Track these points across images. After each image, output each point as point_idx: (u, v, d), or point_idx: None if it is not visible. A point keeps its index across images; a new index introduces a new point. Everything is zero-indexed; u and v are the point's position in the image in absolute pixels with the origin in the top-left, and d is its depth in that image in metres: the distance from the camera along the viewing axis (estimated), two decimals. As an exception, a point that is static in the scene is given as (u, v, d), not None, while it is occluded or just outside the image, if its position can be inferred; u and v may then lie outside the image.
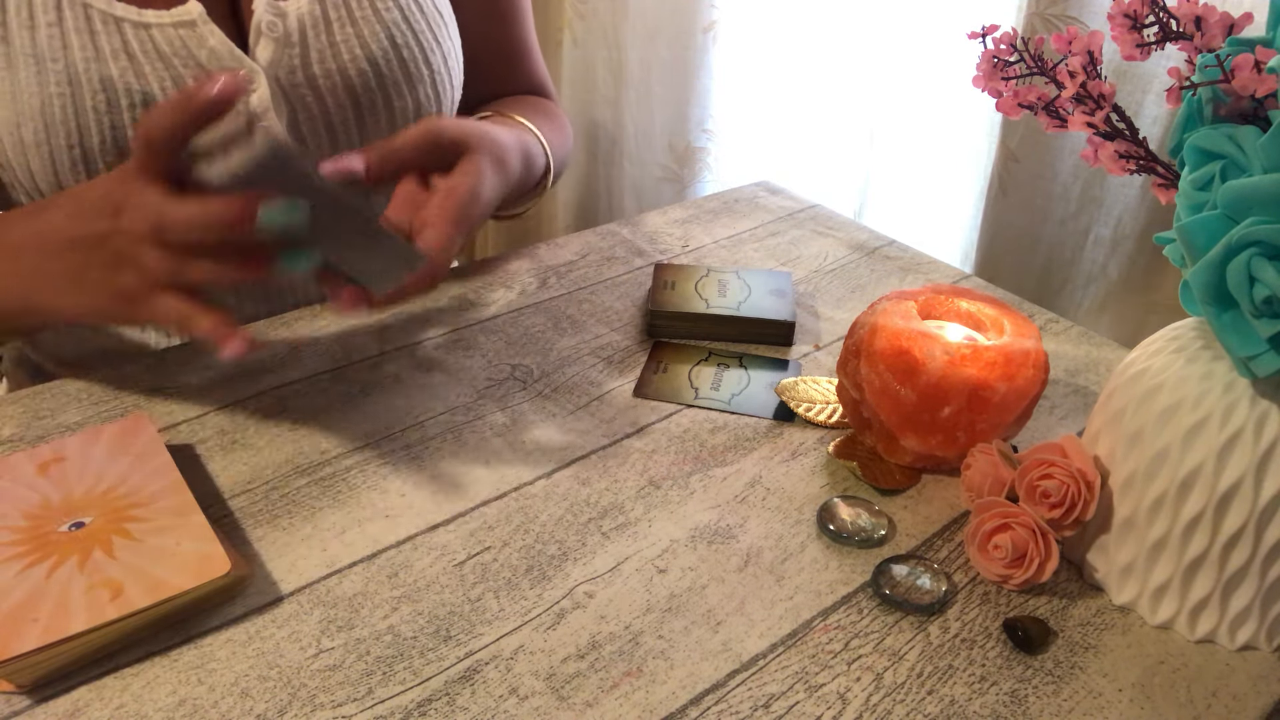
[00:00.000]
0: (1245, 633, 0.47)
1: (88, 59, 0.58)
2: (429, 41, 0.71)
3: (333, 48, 0.66)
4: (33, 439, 0.56)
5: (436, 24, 0.72)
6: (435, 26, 0.72)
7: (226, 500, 0.53)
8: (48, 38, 0.57)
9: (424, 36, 0.70)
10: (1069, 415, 0.64)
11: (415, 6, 0.70)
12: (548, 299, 0.73)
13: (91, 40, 0.58)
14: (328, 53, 0.66)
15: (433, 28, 0.71)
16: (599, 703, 0.43)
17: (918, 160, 1.20)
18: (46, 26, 0.57)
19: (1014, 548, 0.49)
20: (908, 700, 0.44)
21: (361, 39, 0.67)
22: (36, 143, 0.59)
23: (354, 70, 0.67)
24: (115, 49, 0.59)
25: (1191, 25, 0.44)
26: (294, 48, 0.64)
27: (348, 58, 0.66)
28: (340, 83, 0.67)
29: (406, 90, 0.70)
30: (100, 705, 0.42)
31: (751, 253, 0.81)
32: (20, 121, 0.58)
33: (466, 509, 0.53)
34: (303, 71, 0.65)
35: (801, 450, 0.59)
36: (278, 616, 0.46)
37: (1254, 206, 0.40)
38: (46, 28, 0.57)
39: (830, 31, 1.21)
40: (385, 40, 0.68)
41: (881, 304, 0.58)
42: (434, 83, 0.72)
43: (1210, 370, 0.45)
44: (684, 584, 0.49)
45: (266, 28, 0.63)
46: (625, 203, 1.38)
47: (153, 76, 0.59)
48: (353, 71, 0.67)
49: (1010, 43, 0.48)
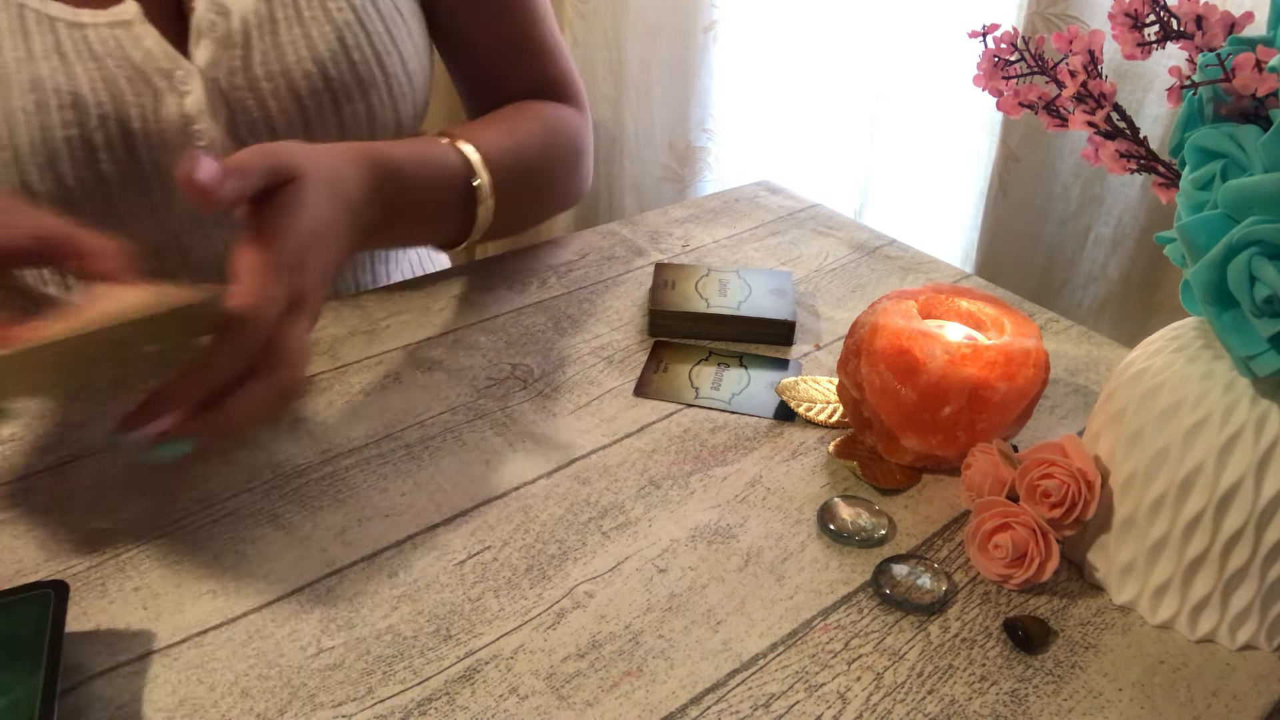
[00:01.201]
0: (1245, 632, 0.47)
1: (19, 59, 0.57)
2: (384, 43, 0.68)
3: (277, 49, 0.63)
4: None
5: (395, 25, 0.69)
6: (394, 28, 0.69)
7: (226, 500, 0.53)
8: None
9: (379, 38, 0.67)
10: (1069, 415, 0.64)
11: (371, 7, 0.67)
12: (548, 299, 0.73)
13: (24, 40, 0.57)
14: (271, 54, 0.63)
15: (390, 28, 0.68)
16: (599, 702, 0.43)
17: (918, 160, 1.20)
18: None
19: (1014, 547, 0.49)
20: (908, 700, 0.44)
21: (309, 39, 0.64)
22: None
23: (299, 72, 0.64)
24: (47, 49, 0.57)
25: (1192, 24, 0.44)
26: (235, 49, 0.62)
27: (293, 59, 0.64)
28: (284, 86, 0.64)
29: (358, 95, 0.67)
30: (100, 705, 0.42)
31: (752, 252, 0.81)
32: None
33: (466, 509, 0.53)
34: (244, 74, 0.63)
35: (802, 450, 0.59)
36: (278, 616, 0.46)
37: (1255, 206, 0.40)
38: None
39: (830, 31, 1.21)
40: (335, 41, 0.65)
41: (882, 303, 0.58)
42: (389, 88, 0.69)
43: (1211, 370, 0.45)
44: (684, 583, 0.49)
45: (207, 27, 0.61)
46: (625, 202, 1.38)
47: (83, 76, 0.58)
48: (298, 74, 0.64)
49: (1011, 42, 0.48)
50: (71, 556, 0.49)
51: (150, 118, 0.61)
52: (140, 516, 0.51)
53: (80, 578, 0.47)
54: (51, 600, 0.43)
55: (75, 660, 0.43)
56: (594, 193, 1.40)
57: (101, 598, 0.47)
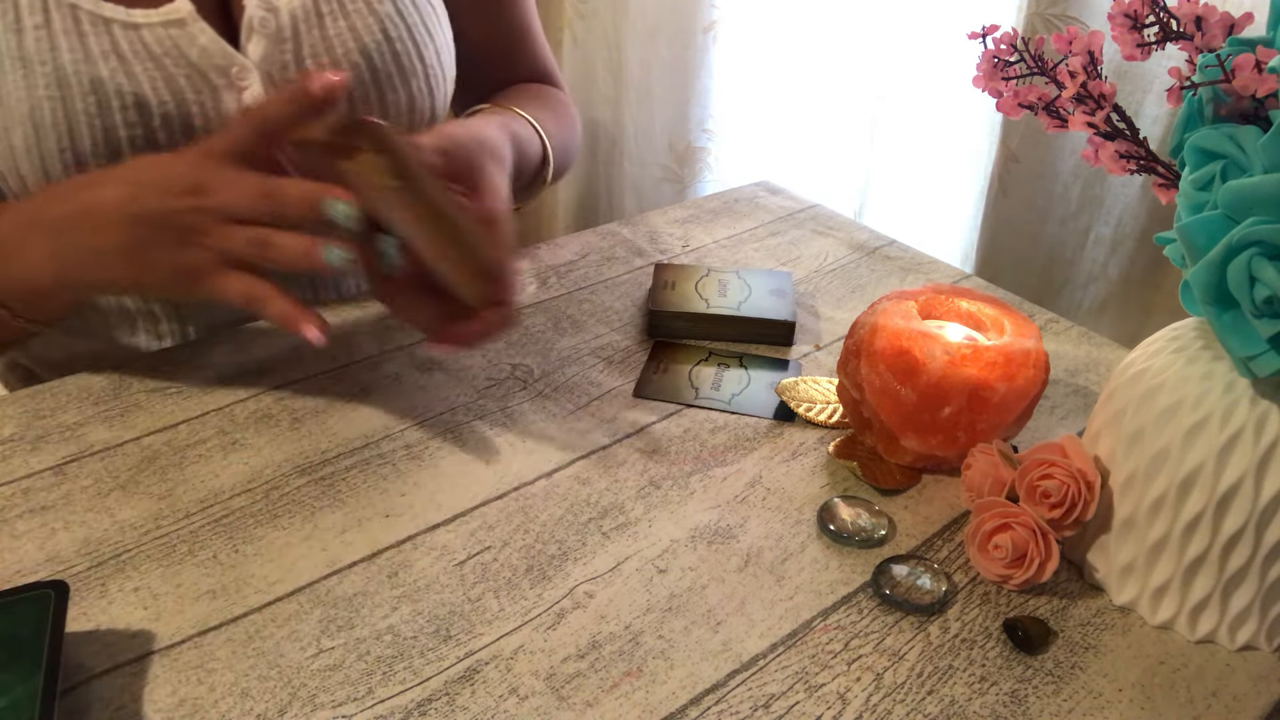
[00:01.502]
0: (1245, 633, 0.47)
1: (76, 61, 0.57)
2: (422, 35, 0.70)
3: (325, 42, 0.65)
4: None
5: (429, 16, 0.71)
6: (428, 19, 0.71)
7: (226, 500, 0.53)
8: (35, 40, 0.57)
9: (417, 30, 0.70)
10: (1069, 415, 0.64)
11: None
12: (548, 299, 0.73)
13: (80, 42, 0.57)
14: (320, 47, 0.65)
15: (425, 20, 0.71)
16: (599, 703, 0.43)
17: (918, 160, 1.20)
18: (33, 29, 0.57)
19: (1014, 548, 0.49)
20: (908, 700, 0.44)
21: (355, 32, 0.66)
22: (26, 148, 0.58)
23: (347, 64, 0.66)
24: (105, 50, 0.58)
25: (1192, 25, 0.44)
26: (286, 43, 0.64)
27: (341, 52, 0.66)
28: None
29: (400, 84, 0.69)
30: (100, 705, 0.42)
31: (751, 253, 0.81)
32: (8, 126, 0.58)
33: (466, 509, 0.53)
34: (295, 67, 0.64)
35: (801, 450, 0.59)
36: (278, 616, 0.46)
37: (1254, 206, 0.40)
38: (33, 30, 0.57)
39: (830, 31, 1.21)
40: (379, 33, 0.67)
41: (882, 304, 0.58)
42: (427, 76, 0.71)
43: (1210, 370, 0.45)
44: (684, 584, 0.49)
45: (259, 24, 0.63)
46: (625, 203, 1.38)
47: (143, 77, 0.59)
48: (345, 65, 0.66)
49: (1010, 43, 0.48)
50: (71, 556, 0.49)
51: (211, 114, 0.62)
52: (140, 516, 0.51)
53: (80, 578, 0.47)
54: (51, 600, 0.42)
55: (75, 660, 0.43)
56: (594, 193, 1.40)
57: (101, 598, 0.47)
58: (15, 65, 0.57)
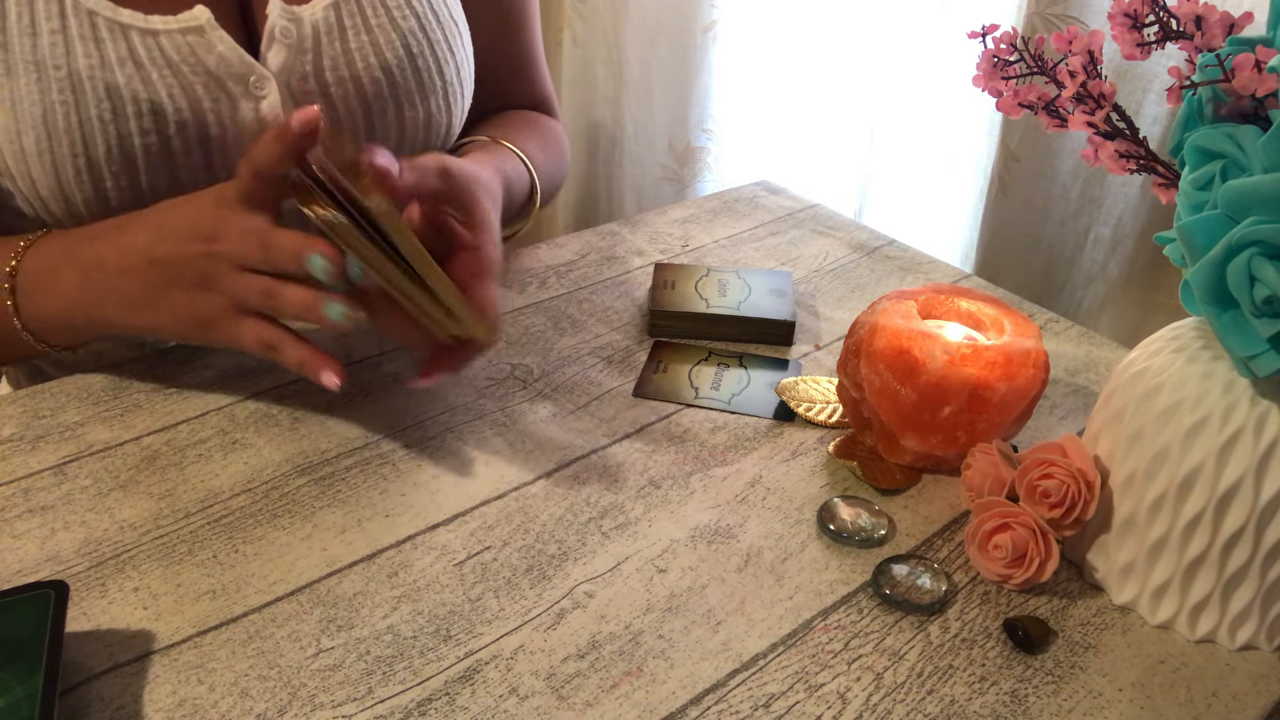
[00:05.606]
0: (1245, 633, 0.47)
1: (92, 66, 0.57)
2: (444, 51, 0.70)
3: (346, 55, 0.65)
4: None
5: (452, 34, 0.71)
6: (450, 36, 0.70)
7: (226, 500, 0.53)
8: (50, 44, 0.56)
9: (439, 46, 0.69)
10: (1069, 415, 0.64)
11: (432, 15, 0.69)
12: (548, 299, 0.73)
13: (96, 47, 0.57)
14: (341, 60, 0.64)
15: (448, 37, 0.70)
16: (599, 702, 0.43)
17: (918, 160, 1.20)
18: (49, 34, 0.56)
19: (1014, 548, 0.49)
20: (908, 700, 0.44)
21: (376, 47, 0.66)
22: (39, 151, 0.58)
23: (367, 79, 0.66)
24: (121, 56, 0.58)
25: (1192, 25, 0.44)
26: (306, 54, 0.63)
27: (361, 66, 0.65)
28: (353, 90, 0.65)
29: (419, 100, 0.69)
30: (100, 705, 0.42)
31: (751, 252, 0.81)
32: (21, 129, 0.57)
33: (466, 509, 0.53)
34: (315, 79, 0.64)
35: (801, 450, 0.59)
36: (278, 616, 0.46)
37: (1254, 206, 0.40)
38: (49, 34, 0.56)
39: (830, 31, 1.21)
40: (400, 49, 0.67)
41: (881, 304, 0.58)
42: (446, 94, 0.71)
43: (1210, 370, 0.45)
44: (684, 584, 0.49)
45: (280, 33, 0.62)
46: (625, 202, 1.38)
47: (160, 84, 0.58)
48: (366, 80, 0.65)
49: (1010, 42, 0.48)
50: (71, 556, 0.49)
51: (227, 123, 0.61)
52: (140, 516, 0.51)
53: (80, 578, 0.47)
54: (51, 600, 0.43)
55: (75, 660, 0.43)
56: (594, 193, 1.40)
57: (101, 598, 0.47)
58: (29, 69, 0.56)
